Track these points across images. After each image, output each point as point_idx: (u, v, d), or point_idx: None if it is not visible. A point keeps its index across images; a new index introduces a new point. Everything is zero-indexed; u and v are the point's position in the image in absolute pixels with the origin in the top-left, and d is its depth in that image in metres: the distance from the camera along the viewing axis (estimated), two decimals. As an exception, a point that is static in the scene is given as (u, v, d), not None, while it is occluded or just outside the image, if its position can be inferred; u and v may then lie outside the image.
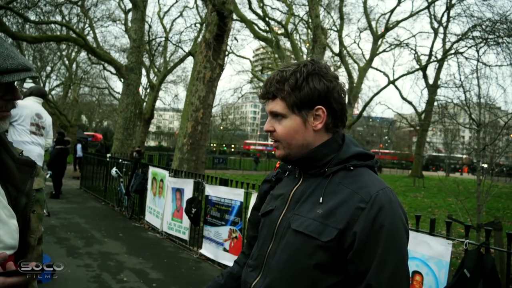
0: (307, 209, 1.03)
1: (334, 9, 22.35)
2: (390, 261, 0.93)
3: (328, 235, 0.96)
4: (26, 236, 1.02)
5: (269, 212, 1.14)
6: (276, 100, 1.07)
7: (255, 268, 1.11)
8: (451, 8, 20.82)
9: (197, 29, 20.49)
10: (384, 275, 0.92)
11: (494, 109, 8.17)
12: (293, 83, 1.04)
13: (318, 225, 0.98)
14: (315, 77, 1.04)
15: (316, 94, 1.03)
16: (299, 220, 1.02)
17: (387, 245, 0.94)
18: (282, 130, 1.07)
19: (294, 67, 1.06)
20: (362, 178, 1.02)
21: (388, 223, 0.95)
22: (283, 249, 1.03)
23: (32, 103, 4.26)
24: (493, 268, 2.19)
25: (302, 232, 1.00)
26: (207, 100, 7.67)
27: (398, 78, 26.11)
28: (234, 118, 56.66)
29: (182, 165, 7.36)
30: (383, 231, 0.94)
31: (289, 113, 1.06)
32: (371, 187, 0.99)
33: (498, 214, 10.40)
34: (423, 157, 37.05)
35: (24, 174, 1.03)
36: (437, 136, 41.71)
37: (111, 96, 33.91)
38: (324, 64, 1.08)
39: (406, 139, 56.60)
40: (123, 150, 11.96)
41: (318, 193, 1.04)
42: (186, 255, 5.27)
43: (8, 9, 12.80)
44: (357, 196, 0.98)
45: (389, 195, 0.99)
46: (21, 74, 0.93)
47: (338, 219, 0.97)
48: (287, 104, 1.05)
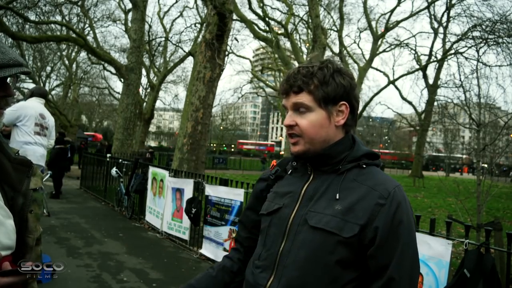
0: (323, 206, 1.03)
1: (334, 9, 22.37)
2: (409, 255, 0.98)
3: (350, 231, 0.98)
4: (24, 236, 1.01)
5: (276, 210, 1.12)
6: (302, 93, 1.07)
7: (266, 268, 1.08)
8: (451, 8, 20.84)
9: (197, 29, 20.50)
10: (404, 268, 0.97)
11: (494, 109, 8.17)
12: (321, 77, 1.06)
13: (338, 221, 0.99)
14: (339, 74, 1.08)
15: (342, 90, 1.07)
16: (316, 217, 1.02)
17: (406, 240, 0.98)
18: (306, 124, 1.07)
19: (319, 64, 1.09)
20: (375, 175, 1.06)
21: (406, 219, 1.00)
22: (300, 247, 1.02)
23: (35, 103, 4.27)
24: (493, 268, 2.19)
25: (322, 228, 1.00)
26: (207, 100, 7.67)
27: (398, 78, 26.18)
28: (234, 118, 56.69)
29: (182, 165, 7.36)
30: (402, 227, 0.98)
31: (315, 107, 1.07)
32: (387, 184, 1.03)
33: (498, 214, 10.40)
34: (423, 157, 37.04)
35: (21, 174, 1.02)
36: (437, 136, 41.72)
37: (111, 96, 33.92)
38: (341, 64, 1.13)
39: (406, 139, 56.60)
40: (123, 150, 11.96)
41: (333, 190, 1.05)
42: (186, 255, 5.27)
43: (8, 9, 12.80)
44: (375, 192, 1.01)
45: (403, 192, 1.04)
46: (13, 69, 0.92)
47: (358, 215, 0.99)
48: (315, 97, 1.06)
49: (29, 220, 1.02)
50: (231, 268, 1.26)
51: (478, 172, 5.26)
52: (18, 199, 1.00)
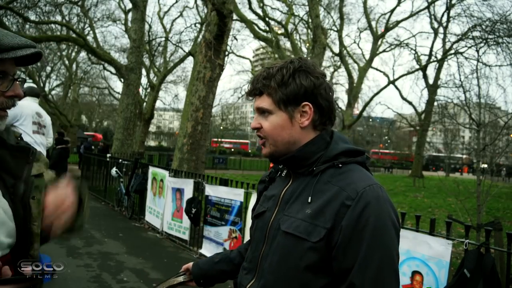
0: (296, 209, 1.01)
1: (334, 9, 22.34)
2: (375, 259, 0.90)
3: (317, 235, 0.95)
4: (29, 224, 0.98)
5: (261, 214, 1.13)
6: (262, 96, 1.07)
7: (250, 270, 1.10)
8: (451, 8, 20.81)
9: (197, 29, 20.47)
10: (368, 274, 0.90)
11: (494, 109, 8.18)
12: (279, 79, 1.03)
13: (307, 225, 0.97)
14: (301, 73, 1.04)
15: (303, 90, 1.03)
16: (288, 221, 1.01)
17: (372, 242, 0.91)
18: (268, 127, 1.06)
19: (281, 64, 1.06)
20: (350, 174, 1.00)
21: (374, 221, 0.92)
22: (274, 251, 1.02)
23: (30, 102, 4.23)
24: (493, 268, 2.19)
25: (291, 233, 0.98)
26: (207, 100, 7.67)
27: (398, 78, 26.10)
28: (234, 118, 56.65)
29: (182, 165, 7.36)
30: (368, 228, 0.91)
31: (275, 109, 1.05)
32: (358, 184, 0.97)
33: (498, 214, 10.40)
34: (423, 157, 37.03)
35: (20, 160, 1.00)
36: (437, 136, 41.71)
37: (111, 96, 33.91)
38: (312, 62, 1.08)
39: (406, 139, 56.58)
40: (123, 150, 11.96)
41: (307, 193, 1.02)
42: (186, 255, 5.27)
43: (8, 9, 12.80)
44: (343, 193, 0.96)
45: (377, 191, 0.96)
46: (30, 49, 0.92)
47: (326, 218, 0.95)
48: (274, 100, 1.05)
49: (32, 207, 1.00)
50: (233, 259, 1.32)
51: (478, 172, 5.26)
52: (20, 187, 0.98)
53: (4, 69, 0.92)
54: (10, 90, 0.95)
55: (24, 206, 0.98)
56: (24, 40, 0.93)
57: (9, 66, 0.93)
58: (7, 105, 0.96)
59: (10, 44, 0.89)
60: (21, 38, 0.92)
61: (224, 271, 1.32)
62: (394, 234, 0.95)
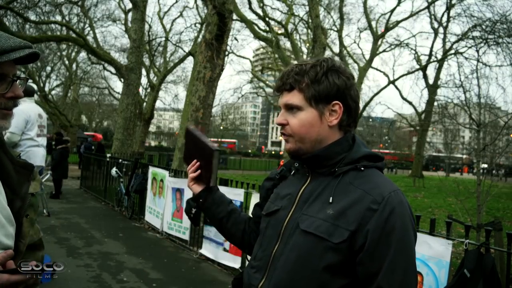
0: (316, 209, 1.01)
1: (334, 9, 22.33)
2: (401, 264, 0.93)
3: (340, 237, 0.95)
4: (16, 241, 0.98)
5: (274, 212, 1.11)
6: (293, 92, 1.06)
7: (260, 269, 1.08)
8: (451, 8, 20.81)
9: (197, 29, 20.46)
10: (395, 278, 0.92)
11: (494, 109, 8.17)
12: (313, 75, 1.03)
13: (328, 226, 0.96)
14: (334, 72, 1.04)
15: (335, 89, 1.03)
16: (308, 221, 1.00)
17: (398, 247, 0.93)
18: (296, 123, 1.05)
19: (314, 61, 1.06)
20: (373, 179, 1.01)
21: (400, 226, 0.94)
22: (291, 250, 1.01)
23: (31, 105, 4.22)
24: (493, 268, 2.19)
25: (312, 233, 0.98)
26: (207, 100, 7.67)
27: (398, 78, 26.14)
28: (234, 118, 56.67)
29: (182, 165, 7.35)
30: (394, 234, 0.93)
31: (306, 106, 1.04)
32: (382, 188, 0.98)
33: (498, 214, 10.40)
34: (423, 157, 37.03)
35: (22, 177, 1.01)
36: (437, 136, 41.67)
37: (111, 96, 33.88)
38: (341, 63, 1.09)
39: (406, 139, 56.55)
40: (123, 150, 11.96)
41: (327, 193, 1.02)
42: (186, 255, 5.27)
43: (8, 9, 12.79)
44: (368, 197, 0.96)
45: (400, 196, 0.98)
46: (25, 50, 0.92)
47: (350, 220, 0.95)
48: (305, 96, 1.04)
49: (23, 225, 1.00)
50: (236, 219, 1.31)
51: (478, 172, 5.26)
52: (16, 203, 0.99)
53: (2, 71, 0.92)
54: (10, 92, 0.94)
55: (16, 223, 0.98)
56: (19, 41, 0.92)
57: (7, 68, 0.93)
58: (7, 106, 0.96)
59: (3, 47, 0.89)
60: (15, 39, 0.92)
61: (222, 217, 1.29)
62: (413, 237, 0.99)
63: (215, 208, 1.30)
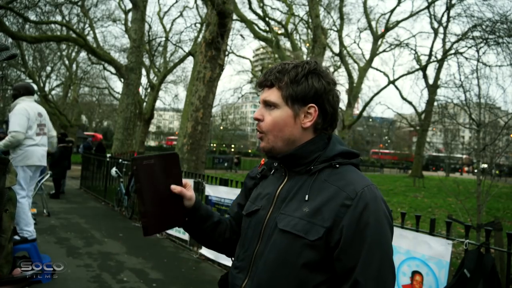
0: (293, 208, 1.02)
1: (334, 9, 22.32)
2: (376, 258, 0.94)
3: (316, 234, 0.96)
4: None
5: (254, 212, 1.12)
6: (272, 89, 1.08)
7: (242, 269, 1.09)
8: (451, 8, 20.78)
9: (197, 29, 20.45)
10: (370, 271, 0.93)
11: (494, 109, 8.16)
12: (293, 75, 1.05)
13: (305, 223, 0.98)
14: (315, 75, 1.05)
15: (313, 92, 1.04)
16: (285, 220, 1.01)
17: (373, 242, 0.94)
18: (270, 120, 1.07)
19: (297, 62, 1.08)
20: (347, 175, 1.03)
21: (374, 220, 0.95)
22: (270, 249, 1.02)
23: (30, 104, 4.20)
24: (493, 268, 2.20)
25: (289, 231, 0.99)
26: (207, 100, 7.67)
27: (398, 78, 26.16)
28: (234, 118, 56.62)
29: (182, 165, 7.35)
30: (368, 228, 0.94)
31: (282, 104, 1.06)
32: (356, 184, 0.99)
33: (498, 214, 10.39)
34: (423, 157, 37.04)
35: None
36: (437, 136, 41.68)
37: (111, 96, 33.85)
38: (326, 67, 1.10)
39: (406, 139, 56.55)
40: (123, 150, 11.95)
41: (303, 191, 1.03)
42: (186, 255, 5.27)
43: (8, 9, 12.78)
44: (342, 193, 0.98)
45: (374, 191, 0.99)
46: (2, 53, 0.91)
47: (325, 217, 0.97)
48: (283, 94, 1.06)
49: (3, 220, 0.99)
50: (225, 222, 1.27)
51: (478, 172, 5.26)
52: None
53: None
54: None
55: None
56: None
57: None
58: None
59: None
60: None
61: (205, 228, 1.21)
62: (389, 230, 1.00)
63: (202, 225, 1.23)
